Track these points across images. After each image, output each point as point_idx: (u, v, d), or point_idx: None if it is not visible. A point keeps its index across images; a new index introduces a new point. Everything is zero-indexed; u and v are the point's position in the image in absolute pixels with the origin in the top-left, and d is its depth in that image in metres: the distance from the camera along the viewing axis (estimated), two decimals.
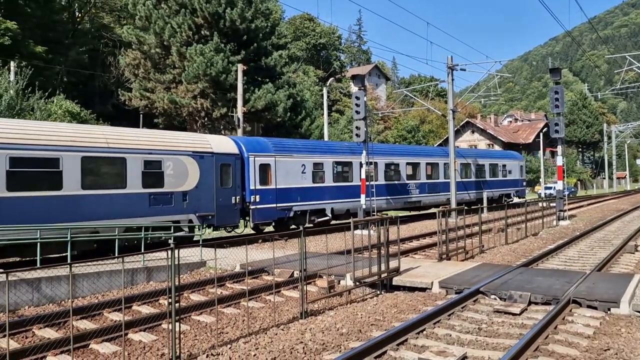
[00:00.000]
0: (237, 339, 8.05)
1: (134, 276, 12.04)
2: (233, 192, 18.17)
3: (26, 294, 10.13)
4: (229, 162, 18.13)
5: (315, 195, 21.40)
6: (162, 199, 15.87)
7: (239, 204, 18.33)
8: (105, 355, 7.47)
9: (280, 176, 19.93)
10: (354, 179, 23.28)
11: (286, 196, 20.07)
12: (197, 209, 16.78)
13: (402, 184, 26.77)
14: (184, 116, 35.16)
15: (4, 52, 35.98)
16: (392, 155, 26.72)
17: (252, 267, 12.43)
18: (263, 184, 19.25)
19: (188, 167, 16.70)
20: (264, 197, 19.22)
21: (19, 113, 24.23)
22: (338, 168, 22.98)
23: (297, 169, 20.76)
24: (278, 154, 20.09)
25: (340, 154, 23.29)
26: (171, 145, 16.51)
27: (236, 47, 34.33)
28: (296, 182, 20.61)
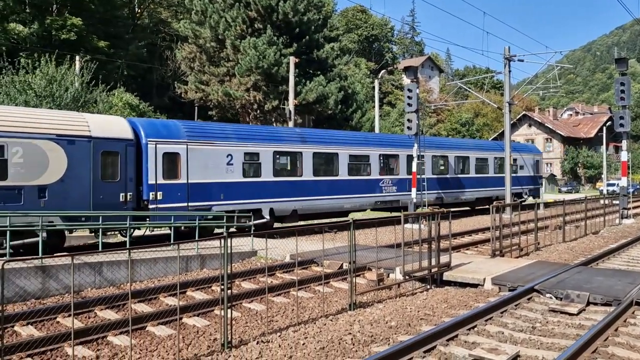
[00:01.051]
0: (286, 328, 8.18)
1: (189, 263, 12.44)
2: (122, 187, 14.48)
3: (89, 277, 10.68)
4: (116, 149, 14.38)
5: (246, 193, 17.26)
6: (5, 195, 12.48)
7: (130, 202, 14.62)
8: (160, 337, 7.77)
9: (194, 168, 16.01)
10: (302, 172, 19.25)
11: (203, 193, 16.17)
12: (62, 208, 13.26)
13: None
14: (237, 108, 35.82)
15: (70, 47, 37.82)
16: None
17: (301, 257, 12.57)
18: (169, 178, 15.46)
19: (48, 155, 13.21)
20: (169, 194, 15.38)
21: (83, 105, 25.44)
22: (282, 159, 18.98)
23: (221, 159, 16.72)
24: (192, 141, 16.19)
25: (286, 142, 18.99)
26: (22, 126, 12.98)
27: (288, 40, 34.57)
28: (218, 176, 16.62)
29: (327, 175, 20.15)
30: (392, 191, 22.44)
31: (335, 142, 20.59)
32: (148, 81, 48.39)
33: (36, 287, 9.96)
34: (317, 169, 19.73)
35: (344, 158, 20.57)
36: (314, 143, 19.81)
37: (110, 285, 10.95)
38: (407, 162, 23.14)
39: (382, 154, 22.19)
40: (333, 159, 20.33)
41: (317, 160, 19.79)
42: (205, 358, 6.85)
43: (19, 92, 23.73)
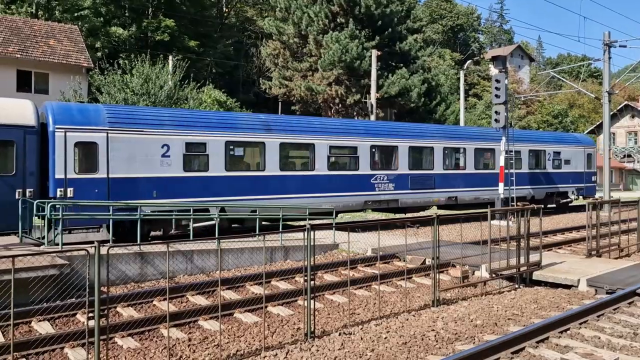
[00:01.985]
0: (368, 321, 8.20)
1: (273, 254, 12.81)
2: (18, 182, 12.60)
3: (182, 264, 11.32)
4: (10, 137, 12.55)
5: (188, 190, 14.74)
6: None
7: (31, 199, 12.50)
8: (247, 324, 8.08)
9: (117, 160, 13.75)
10: (266, 167, 16.22)
11: (129, 190, 13.87)
12: None
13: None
14: (319, 103, 36.23)
15: (164, 47, 40.13)
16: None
17: (383, 252, 12.52)
18: (84, 172, 13.36)
19: None
20: (83, 191, 13.33)
21: (175, 102, 26.91)
22: (237, 151, 15.97)
23: (153, 150, 14.31)
24: (116, 128, 13.90)
25: (243, 130, 16.03)
26: None
27: (371, 33, 34.38)
28: (150, 170, 14.26)
29: (300, 169, 17.33)
30: (389, 189, 18.91)
31: (312, 131, 17.43)
32: (235, 78, 50.23)
33: (135, 272, 10.73)
34: (286, 163, 16.92)
35: (322, 149, 17.36)
36: (282, 132, 16.76)
37: (201, 272, 11.53)
38: (407, 154, 19.58)
39: (373, 144, 18.71)
40: (308, 150, 17.28)
41: (286, 152, 16.95)
42: (289, 346, 7.04)
43: (119, 91, 25.54)
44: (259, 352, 6.86)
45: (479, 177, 21.99)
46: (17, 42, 26.61)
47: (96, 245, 5.85)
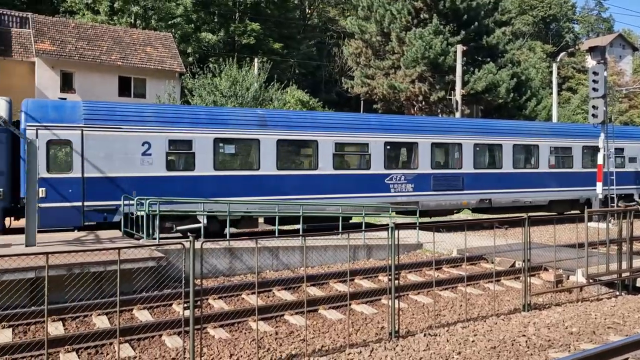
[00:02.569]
0: (454, 323, 8.01)
1: (356, 252, 12.86)
2: None
3: (268, 260, 11.69)
4: None
5: (171, 191, 13.73)
6: None
7: (1, 200, 12.55)
8: (331, 321, 8.19)
9: (93, 159, 13.21)
10: (260, 166, 15.07)
11: (106, 191, 13.29)
12: None
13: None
14: (401, 101, 35.82)
15: (250, 50, 41.54)
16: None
17: (470, 253, 12.15)
18: (56, 171, 12.98)
19: None
20: (56, 192, 12.95)
21: (261, 103, 27.79)
22: (227, 149, 15.08)
23: (133, 148, 13.64)
24: (91, 125, 13.32)
25: (234, 126, 14.97)
26: None
27: (455, 28, 33.43)
28: (129, 169, 13.60)
29: (300, 169, 16.06)
30: (406, 190, 17.02)
31: (315, 126, 16.06)
32: (317, 78, 50.93)
33: (225, 266, 11.23)
34: (284, 161, 15.65)
35: (327, 147, 15.90)
36: (279, 127, 15.56)
37: (286, 268, 11.84)
38: (429, 151, 17.47)
39: (388, 141, 16.86)
40: (311, 147, 16.03)
41: (284, 149, 15.70)
42: (373, 344, 7.05)
43: (209, 94, 26.81)
44: (344, 349, 6.94)
45: (519, 177, 19.23)
46: (118, 50, 28.74)
47: (191, 240, 6.19)
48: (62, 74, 26.88)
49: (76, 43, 27.69)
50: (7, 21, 28.39)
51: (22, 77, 26.23)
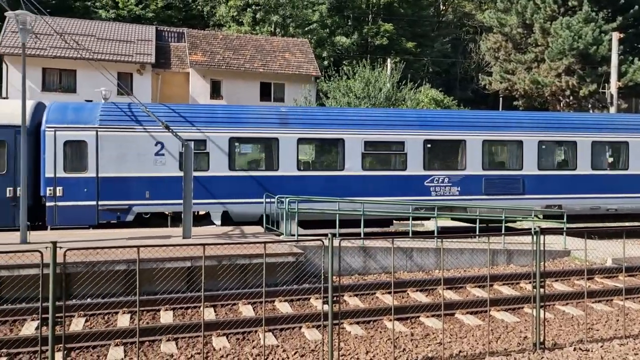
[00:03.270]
0: (609, 339, 7.28)
1: (495, 257, 12.27)
2: (8, 180, 13.16)
3: (402, 260, 11.65)
4: (1, 137, 13.18)
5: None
6: None
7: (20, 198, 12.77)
8: (469, 326, 7.92)
9: (107, 159, 13.49)
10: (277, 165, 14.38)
11: (119, 190, 13.51)
12: None
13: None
14: (545, 97, 33.30)
15: (383, 51, 41.67)
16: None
17: (628, 263, 10.92)
18: (73, 171, 13.35)
19: None
20: (72, 191, 13.33)
21: (393, 103, 27.74)
22: (244, 148, 14.70)
23: (146, 148, 13.72)
24: (106, 126, 13.62)
25: (252, 125, 14.36)
26: None
27: (610, 14, 30.21)
28: (142, 169, 13.69)
29: (325, 169, 15.13)
30: (451, 193, 15.28)
31: (341, 123, 15.02)
32: (452, 76, 49.43)
33: (359, 265, 11.43)
34: (305, 161, 15.15)
35: (354, 145, 14.78)
36: (300, 125, 14.78)
37: (420, 270, 11.69)
38: (479, 150, 15.46)
39: (429, 138, 15.25)
40: (336, 147, 14.96)
41: (305, 148, 15.09)
42: (516, 354, 6.69)
43: (343, 95, 27.43)
44: (483, 357, 6.68)
45: (599, 179, 16.32)
46: (260, 57, 30.67)
47: (330, 237, 6.41)
48: (212, 82, 29.40)
49: (223, 53, 30.12)
50: (166, 37, 31.83)
51: (179, 86, 29.19)
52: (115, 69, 25.25)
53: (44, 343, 5.62)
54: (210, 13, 42.10)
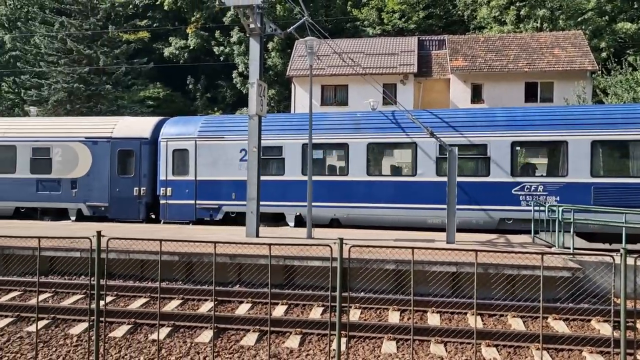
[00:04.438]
0: None
1: None
2: (136, 182, 16.54)
3: None
4: (131, 147, 16.60)
5: (264, 193, 13.49)
6: (51, 185, 16.69)
7: (144, 196, 16.50)
8: None
9: (203, 165, 15.81)
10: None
11: (212, 191, 15.72)
12: (87, 198, 16.67)
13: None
14: None
15: None
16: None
17: None
18: (178, 175, 16.07)
19: (78, 154, 16.75)
20: (178, 191, 16.00)
21: None
22: (315, 153, 14.74)
23: (232, 155, 15.61)
24: (202, 136, 16.02)
25: (324, 131, 15.01)
26: (60, 132, 17.15)
27: None
28: (230, 173, 15.58)
29: (394, 174, 15.17)
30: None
31: (412, 127, 14.37)
32: None
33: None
34: (375, 166, 15.05)
35: (428, 149, 14.39)
36: (371, 130, 14.93)
37: None
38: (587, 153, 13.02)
39: (517, 140, 13.82)
40: (407, 151, 14.86)
41: (375, 153, 15.02)
42: None
43: (626, 91, 23.72)
44: None
45: None
46: (525, 56, 28.84)
47: (622, 253, 5.63)
48: (473, 87, 28.93)
49: (485, 56, 29.32)
50: (427, 46, 32.63)
51: (440, 92, 29.60)
52: (381, 81, 27.02)
53: (332, 328, 6.37)
54: (471, 17, 41.50)
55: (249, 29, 12.81)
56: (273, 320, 7.56)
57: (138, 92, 37.49)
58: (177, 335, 7.69)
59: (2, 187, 17.30)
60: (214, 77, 42.95)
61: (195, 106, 42.12)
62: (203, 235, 12.28)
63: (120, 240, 7.30)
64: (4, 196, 17.23)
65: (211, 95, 43.38)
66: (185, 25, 43.41)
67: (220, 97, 43.30)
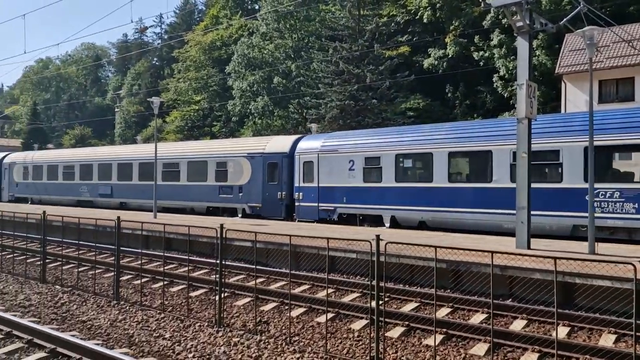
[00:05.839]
0: None
1: None
2: (279, 187, 20.85)
3: None
4: (276, 160, 21.11)
5: (367, 198, 17.68)
6: (227, 190, 22.44)
7: (285, 199, 20.57)
8: None
9: (323, 174, 19.23)
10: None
11: (329, 196, 18.94)
12: (248, 200, 21.66)
13: None
14: None
15: None
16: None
17: None
18: (307, 182, 19.59)
19: (243, 166, 22.12)
20: (306, 195, 19.54)
21: None
22: (406, 163, 17.05)
23: (343, 165, 18.58)
24: (323, 151, 19.43)
25: (411, 143, 17.35)
26: (232, 150, 23.15)
27: None
28: (341, 181, 18.58)
29: (473, 181, 15.90)
30: (625, 211, 12.75)
31: (487, 136, 15.55)
32: None
33: None
34: (455, 173, 16.43)
35: (502, 157, 14.92)
36: (450, 141, 16.30)
37: None
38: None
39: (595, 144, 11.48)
40: (485, 159, 15.38)
41: (455, 162, 16.33)
42: None
43: None
44: None
45: None
46: None
47: None
48: None
49: None
50: None
51: None
52: None
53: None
54: None
55: (516, 27, 12.17)
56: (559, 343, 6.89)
57: (400, 105, 39.27)
58: (449, 343, 7.68)
59: (196, 191, 23.77)
60: (473, 84, 42.10)
61: (455, 114, 41.93)
62: (459, 241, 12.03)
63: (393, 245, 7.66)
64: (199, 198, 23.59)
65: (470, 102, 42.60)
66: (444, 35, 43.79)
67: (480, 103, 42.15)
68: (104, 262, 13.47)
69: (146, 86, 67.28)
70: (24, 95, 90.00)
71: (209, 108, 54.40)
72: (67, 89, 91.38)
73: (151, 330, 8.56)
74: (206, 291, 11.06)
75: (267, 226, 16.86)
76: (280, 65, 43.73)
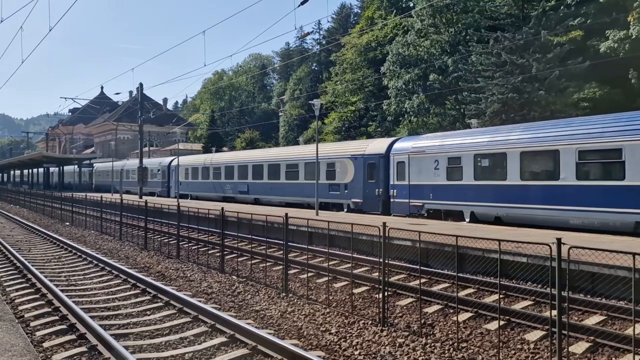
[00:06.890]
0: None
1: None
2: (377, 185, 22.96)
3: None
4: (374, 161, 23.31)
5: (449, 195, 19.23)
6: (335, 187, 25.10)
7: (381, 195, 22.65)
8: None
9: (413, 173, 20.78)
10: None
11: (418, 193, 20.48)
12: (351, 197, 24.14)
13: None
14: None
15: None
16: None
17: None
18: (399, 180, 21.51)
19: (347, 166, 24.65)
20: (399, 192, 21.44)
21: None
22: (483, 162, 18.31)
23: (430, 165, 20.16)
24: (413, 152, 20.99)
25: (487, 145, 18.47)
26: (339, 152, 25.97)
27: None
28: (428, 179, 20.16)
29: (542, 179, 16.57)
30: None
31: (554, 136, 16.25)
32: None
33: None
34: (526, 172, 17.01)
35: (568, 155, 15.63)
36: (522, 142, 17.26)
37: None
38: None
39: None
40: (552, 158, 16.20)
41: (526, 161, 17.05)
42: None
43: None
44: None
45: None
46: None
47: None
48: None
49: None
50: None
51: None
52: None
53: None
54: None
55: None
56: None
57: (571, 95, 35.60)
58: None
59: (311, 188, 24.54)
60: None
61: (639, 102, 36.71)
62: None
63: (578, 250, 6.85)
64: (313, 195, 23.50)
65: None
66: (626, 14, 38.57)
67: None
68: (273, 255, 14.37)
69: (306, 90, 70.71)
70: (204, 105, 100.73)
71: (364, 108, 55.25)
72: (238, 96, 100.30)
73: (318, 324, 8.85)
74: (368, 289, 11.14)
75: (425, 225, 16.51)
76: (436, 61, 42.63)
